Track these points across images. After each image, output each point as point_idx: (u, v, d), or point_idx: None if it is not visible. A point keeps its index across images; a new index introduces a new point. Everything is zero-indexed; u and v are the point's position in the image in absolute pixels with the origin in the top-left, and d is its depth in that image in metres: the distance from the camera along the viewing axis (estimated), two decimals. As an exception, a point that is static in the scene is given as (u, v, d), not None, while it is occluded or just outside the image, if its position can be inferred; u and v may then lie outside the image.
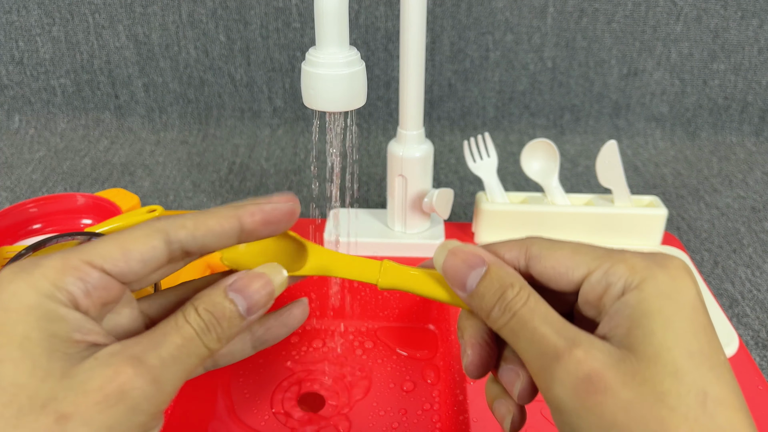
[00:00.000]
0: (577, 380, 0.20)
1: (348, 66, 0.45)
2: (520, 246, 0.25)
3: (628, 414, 0.20)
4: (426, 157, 0.58)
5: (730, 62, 0.98)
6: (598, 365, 0.20)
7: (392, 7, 0.93)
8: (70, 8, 0.95)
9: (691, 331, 0.21)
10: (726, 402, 0.20)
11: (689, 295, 0.21)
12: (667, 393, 0.20)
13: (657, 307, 0.21)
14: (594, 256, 0.23)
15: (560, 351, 0.21)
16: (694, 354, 0.20)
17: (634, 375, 0.20)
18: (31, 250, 0.47)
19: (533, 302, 0.22)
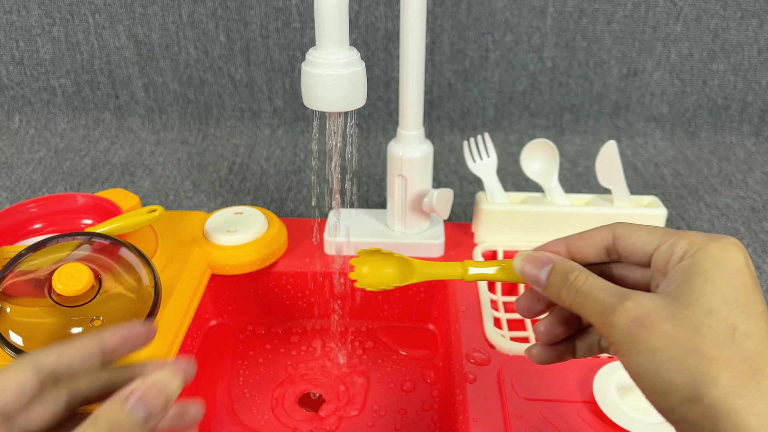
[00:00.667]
0: (628, 322, 0.26)
1: (348, 66, 0.45)
2: (608, 229, 0.31)
3: (668, 340, 0.25)
4: (426, 157, 0.58)
5: (729, 62, 0.98)
6: (645, 309, 0.26)
7: (392, 8, 0.94)
8: (71, 8, 0.95)
9: (729, 285, 0.26)
10: (753, 335, 0.25)
11: (735, 261, 0.26)
12: (701, 325, 0.25)
13: (703, 268, 0.26)
14: (664, 233, 0.29)
15: (615, 305, 0.27)
16: (728, 300, 0.25)
17: (674, 313, 0.25)
18: (32, 251, 0.47)
19: (591, 279, 0.29)
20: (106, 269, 0.47)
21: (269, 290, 0.64)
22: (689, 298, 0.26)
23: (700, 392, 0.24)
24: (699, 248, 0.27)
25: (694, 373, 0.24)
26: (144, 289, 0.48)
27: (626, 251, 0.30)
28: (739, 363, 0.24)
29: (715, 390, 0.24)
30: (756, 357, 0.24)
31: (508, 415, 0.44)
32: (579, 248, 0.32)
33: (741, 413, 0.24)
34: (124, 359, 0.32)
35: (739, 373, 0.24)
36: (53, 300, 0.45)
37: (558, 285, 0.30)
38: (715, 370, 0.24)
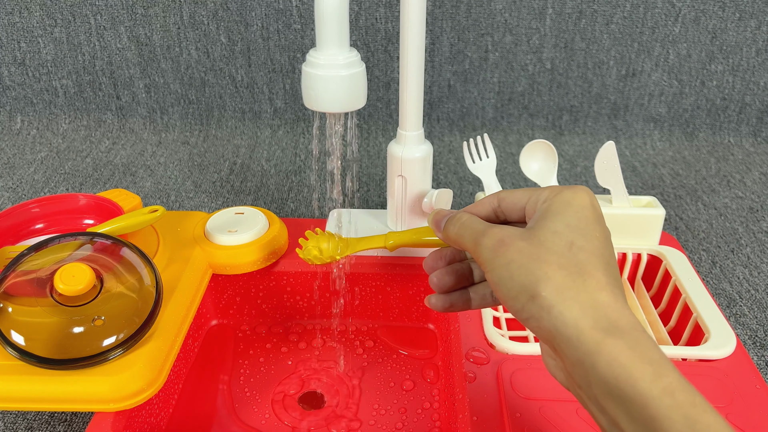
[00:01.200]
0: (493, 243, 0.32)
1: (348, 67, 0.45)
2: (494, 195, 0.38)
3: (521, 252, 0.31)
4: (425, 157, 0.58)
5: (728, 63, 0.98)
6: (507, 233, 0.32)
7: (392, 9, 0.94)
8: (72, 10, 0.95)
9: (573, 216, 0.32)
10: (587, 249, 0.31)
11: (581, 200, 0.33)
12: (546, 241, 0.31)
13: (556, 207, 0.33)
14: (534, 191, 0.35)
15: (485, 230, 0.34)
16: (570, 225, 0.32)
17: (529, 236, 0.32)
18: (33, 250, 0.47)
19: (472, 217, 0.36)
20: (107, 269, 0.48)
21: (270, 290, 0.64)
22: (540, 224, 0.32)
23: (539, 289, 0.29)
24: (555, 194, 0.33)
25: (536, 274, 0.30)
26: (145, 289, 0.48)
27: (508, 209, 0.37)
28: (570, 266, 0.30)
29: (549, 285, 0.29)
30: (585, 263, 0.30)
31: (507, 414, 0.44)
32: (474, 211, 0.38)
33: (567, 302, 0.29)
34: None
35: (569, 273, 0.30)
36: (55, 300, 0.45)
37: (449, 226, 0.37)
38: (551, 272, 0.30)
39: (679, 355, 0.49)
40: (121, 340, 0.45)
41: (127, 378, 0.44)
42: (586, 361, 0.28)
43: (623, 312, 0.29)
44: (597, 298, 0.29)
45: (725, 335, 0.50)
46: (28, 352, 0.43)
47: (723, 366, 0.48)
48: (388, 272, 0.62)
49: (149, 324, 0.47)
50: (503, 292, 0.31)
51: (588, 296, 0.29)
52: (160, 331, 0.48)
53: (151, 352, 0.46)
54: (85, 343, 0.44)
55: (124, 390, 0.44)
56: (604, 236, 0.32)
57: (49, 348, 0.44)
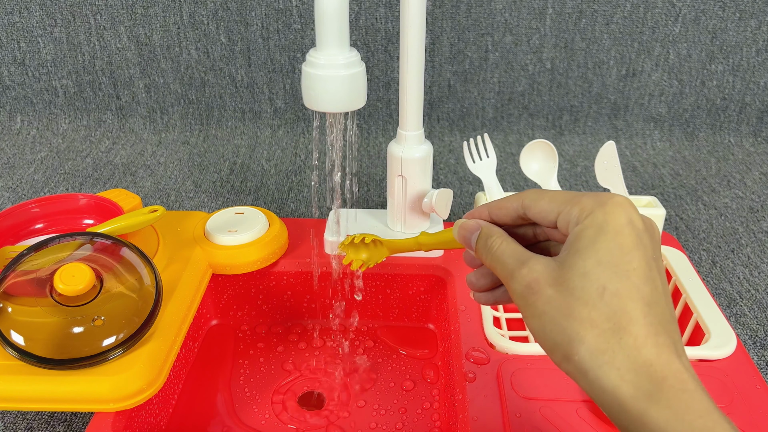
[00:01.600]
0: (521, 288, 0.29)
1: (348, 67, 0.45)
2: (518, 198, 0.34)
3: (550, 304, 0.28)
4: (425, 157, 0.58)
5: (728, 63, 0.98)
6: (535, 275, 0.29)
7: (392, 9, 0.94)
8: (72, 9, 0.95)
9: (606, 247, 0.28)
10: (621, 293, 0.27)
11: (616, 222, 0.28)
12: (576, 288, 0.28)
13: (588, 233, 0.28)
14: (563, 201, 0.31)
15: (514, 271, 0.30)
16: (602, 262, 0.28)
17: (557, 278, 0.28)
18: (33, 250, 0.47)
19: (504, 244, 0.32)
20: (107, 269, 0.48)
21: (270, 290, 0.64)
22: (570, 262, 0.28)
23: (572, 351, 0.27)
24: (587, 215, 0.29)
25: (568, 333, 0.27)
26: (145, 289, 0.48)
27: (536, 219, 0.33)
28: (604, 322, 0.27)
29: (583, 348, 0.27)
30: (620, 315, 0.27)
31: (507, 414, 0.44)
32: (497, 216, 0.35)
33: (603, 367, 0.26)
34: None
35: (603, 331, 0.26)
36: (55, 300, 0.45)
37: (481, 248, 0.34)
38: (583, 330, 0.27)
39: (679, 355, 0.49)
40: (121, 340, 0.45)
41: (127, 378, 0.44)
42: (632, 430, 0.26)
43: (669, 366, 0.26)
44: (637, 358, 0.26)
45: (725, 335, 0.50)
46: (28, 352, 0.43)
47: (723, 366, 0.48)
48: (388, 272, 0.62)
49: (149, 324, 0.47)
50: (540, 343, 0.29)
51: (626, 357, 0.26)
52: (160, 331, 0.48)
53: (151, 352, 0.46)
54: (85, 343, 0.44)
55: (124, 390, 0.43)
56: (644, 264, 0.28)
57: (49, 348, 0.44)
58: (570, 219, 0.30)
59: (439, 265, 0.61)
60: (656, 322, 0.27)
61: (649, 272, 0.28)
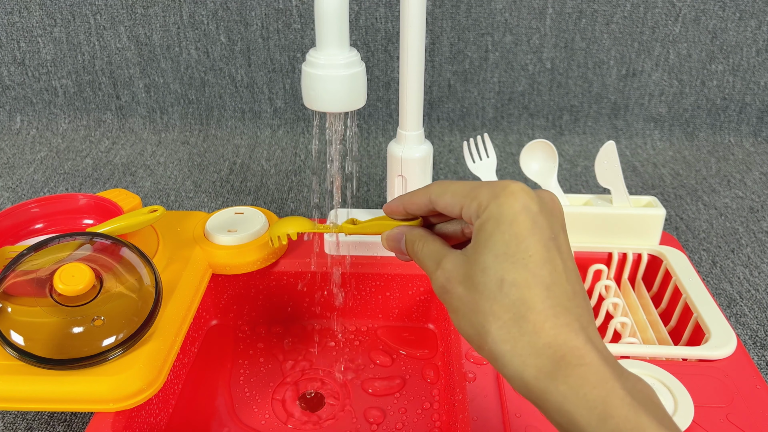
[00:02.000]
0: (438, 288, 0.32)
1: (348, 67, 0.45)
2: (426, 192, 0.35)
3: (461, 301, 0.30)
4: (425, 157, 0.58)
5: (728, 63, 0.98)
6: (448, 274, 0.31)
7: (392, 9, 0.94)
8: (72, 9, 0.95)
9: (501, 240, 0.29)
10: (519, 283, 0.28)
11: (510, 212, 0.29)
12: (479, 283, 0.29)
13: (486, 227, 0.30)
14: (463, 194, 0.32)
15: (432, 273, 0.32)
16: (498, 255, 0.29)
17: (465, 275, 0.30)
18: (33, 250, 0.47)
19: (426, 246, 0.34)
20: (107, 269, 0.48)
21: (270, 290, 0.64)
22: (473, 258, 0.30)
23: (482, 342, 0.29)
24: (484, 208, 0.30)
25: (477, 328, 0.29)
26: (145, 289, 0.48)
27: (444, 212, 0.34)
28: (504, 313, 0.28)
29: (489, 340, 0.29)
30: (519, 304, 0.28)
31: (507, 415, 0.44)
32: (411, 210, 0.36)
33: (507, 355, 0.28)
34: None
35: (504, 322, 0.28)
36: (54, 300, 0.45)
37: (410, 252, 0.36)
38: (488, 324, 0.29)
39: (679, 355, 0.49)
40: (120, 340, 0.45)
41: (126, 378, 0.44)
42: (540, 408, 0.28)
43: (567, 344, 0.27)
44: (536, 342, 0.27)
45: (725, 335, 0.50)
46: (28, 352, 0.43)
47: (723, 366, 0.48)
48: (388, 272, 0.62)
49: (149, 324, 0.47)
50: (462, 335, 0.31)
51: (527, 344, 0.28)
52: (160, 331, 0.48)
53: (150, 352, 0.46)
54: (84, 343, 0.44)
55: (124, 390, 0.43)
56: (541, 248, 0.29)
57: (49, 348, 0.44)
58: (471, 213, 0.31)
59: (439, 265, 0.61)
60: (556, 304, 0.28)
61: (547, 254, 0.29)
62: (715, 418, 0.44)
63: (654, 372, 0.46)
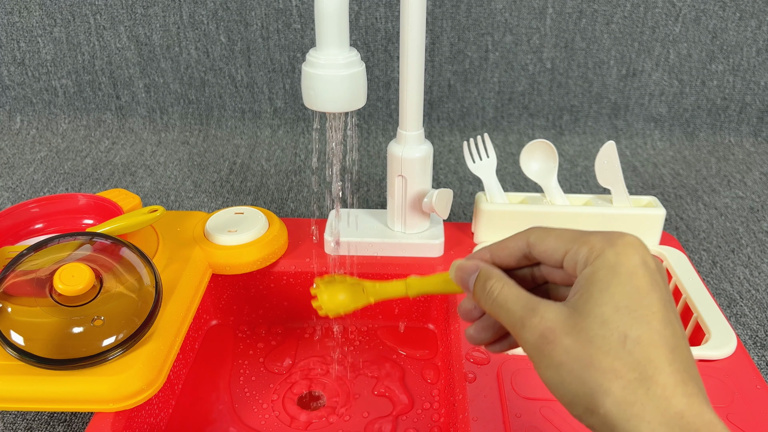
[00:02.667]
0: (534, 338, 0.28)
1: (348, 67, 0.45)
2: (523, 236, 0.32)
3: (569, 355, 0.26)
4: (425, 157, 0.58)
5: (728, 63, 0.98)
6: (549, 324, 0.27)
7: (392, 9, 0.94)
8: (72, 9, 0.95)
9: (622, 292, 0.26)
10: (643, 340, 0.26)
11: (629, 264, 0.27)
12: (595, 336, 0.26)
13: (600, 276, 0.27)
14: (570, 239, 0.30)
15: (524, 319, 0.28)
16: (620, 308, 0.26)
17: (573, 326, 0.27)
18: (33, 250, 0.47)
19: (506, 289, 0.30)
20: (107, 269, 0.48)
21: (270, 290, 0.64)
22: (587, 309, 0.27)
23: (596, 403, 0.25)
24: (597, 255, 0.28)
25: (590, 385, 0.26)
26: (145, 289, 0.48)
27: (541, 258, 0.31)
28: (629, 372, 0.25)
29: (608, 401, 0.25)
30: (645, 363, 0.25)
31: (507, 415, 0.44)
32: (500, 257, 0.33)
33: (632, 421, 0.25)
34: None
35: (629, 382, 0.25)
36: (54, 300, 0.45)
37: (479, 292, 0.32)
38: (607, 382, 0.25)
39: (679, 356, 0.49)
40: (120, 340, 0.45)
41: (126, 378, 0.44)
42: None
43: (701, 417, 0.25)
44: (668, 409, 0.24)
45: (726, 335, 0.50)
46: (28, 352, 0.43)
47: (723, 366, 0.48)
48: (389, 272, 0.62)
49: (149, 324, 0.47)
50: (556, 395, 0.27)
51: (656, 409, 0.24)
52: (160, 331, 0.48)
53: (150, 352, 0.46)
54: (84, 343, 0.44)
55: (124, 390, 0.43)
56: (662, 307, 0.27)
57: (49, 348, 0.44)
58: (578, 259, 0.29)
59: (439, 265, 0.61)
60: (682, 369, 0.26)
61: (668, 315, 0.26)
62: (715, 418, 0.44)
63: (654, 372, 0.46)
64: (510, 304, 0.29)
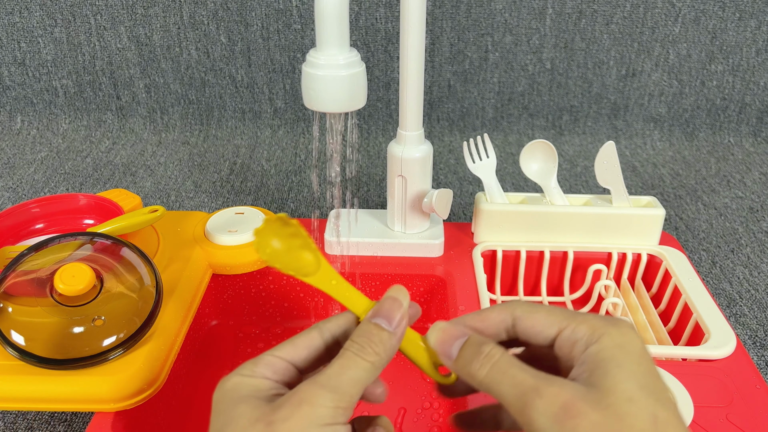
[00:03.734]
0: (555, 409, 0.25)
1: (348, 67, 0.45)
2: (506, 309, 0.31)
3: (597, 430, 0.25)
4: (425, 157, 0.58)
5: (728, 63, 0.98)
6: (571, 396, 0.26)
7: (392, 9, 0.94)
8: (72, 10, 0.95)
9: (639, 371, 0.26)
10: (672, 423, 0.25)
11: (636, 346, 0.27)
12: (626, 414, 0.25)
13: (612, 354, 0.27)
14: (563, 317, 0.29)
15: (539, 387, 0.26)
16: (643, 387, 0.26)
17: (599, 402, 0.25)
18: (33, 250, 0.47)
19: (507, 355, 0.29)
20: (107, 269, 0.48)
21: (270, 290, 0.64)
22: (607, 385, 0.26)
23: None
24: (601, 334, 0.28)
25: None
26: (145, 289, 0.48)
27: (526, 334, 0.30)
28: None
29: None
30: None
31: (506, 414, 0.44)
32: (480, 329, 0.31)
33: None
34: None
35: None
36: (55, 300, 0.45)
37: (469, 357, 0.29)
38: None
39: (679, 355, 0.49)
40: (121, 340, 0.45)
41: (127, 378, 0.44)
42: None
43: None
44: None
45: (725, 335, 0.50)
46: (28, 352, 0.43)
47: (723, 366, 0.48)
48: (389, 272, 0.62)
49: (149, 324, 0.47)
50: None
51: None
52: (160, 331, 0.48)
53: (151, 352, 0.46)
54: (85, 343, 0.44)
55: (124, 390, 0.44)
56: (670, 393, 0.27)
57: (49, 348, 0.44)
58: (577, 338, 0.28)
59: (439, 265, 0.61)
60: None
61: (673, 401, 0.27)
62: (714, 418, 0.44)
63: (653, 372, 0.46)
64: (516, 371, 0.27)
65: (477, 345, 0.29)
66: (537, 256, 0.62)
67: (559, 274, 0.64)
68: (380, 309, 0.31)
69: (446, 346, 0.31)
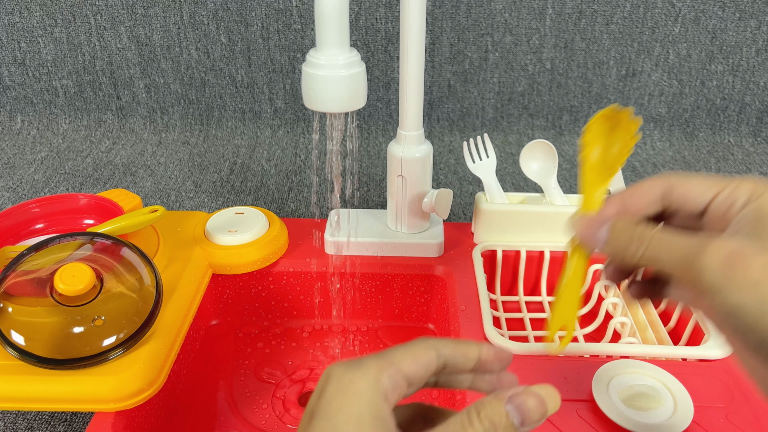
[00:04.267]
0: (723, 257, 0.26)
1: (348, 67, 0.45)
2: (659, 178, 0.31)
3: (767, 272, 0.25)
4: (425, 157, 0.58)
5: (728, 63, 0.98)
6: (736, 244, 0.26)
7: (392, 9, 0.94)
8: (72, 9, 0.95)
9: None
10: None
11: None
12: None
13: None
14: (719, 180, 0.29)
15: (703, 244, 0.27)
16: None
17: (764, 248, 0.26)
18: (34, 250, 0.47)
19: (658, 228, 0.29)
20: (107, 269, 0.48)
21: (270, 290, 0.64)
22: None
23: None
24: (763, 191, 0.28)
25: None
26: (145, 289, 0.48)
27: (681, 199, 0.30)
28: None
29: None
30: None
31: (506, 414, 0.44)
32: (634, 205, 0.31)
33: None
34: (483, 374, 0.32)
35: None
36: (55, 300, 0.45)
37: (624, 239, 0.30)
38: None
39: (679, 355, 0.49)
40: (121, 340, 0.45)
41: (127, 378, 0.44)
42: None
43: None
44: None
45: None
46: (28, 352, 0.43)
47: (723, 366, 0.48)
48: (388, 272, 0.62)
49: (149, 324, 0.47)
50: (747, 321, 0.25)
51: None
52: (160, 331, 0.48)
53: (151, 352, 0.46)
54: (85, 343, 0.44)
55: (124, 390, 0.44)
56: None
57: (49, 348, 0.44)
58: (737, 196, 0.28)
59: (439, 265, 0.61)
60: None
61: None
62: (714, 417, 0.44)
63: (653, 372, 0.47)
64: (675, 238, 0.28)
65: (626, 230, 0.30)
66: (537, 256, 0.62)
67: (559, 274, 0.64)
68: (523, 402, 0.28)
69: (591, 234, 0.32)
